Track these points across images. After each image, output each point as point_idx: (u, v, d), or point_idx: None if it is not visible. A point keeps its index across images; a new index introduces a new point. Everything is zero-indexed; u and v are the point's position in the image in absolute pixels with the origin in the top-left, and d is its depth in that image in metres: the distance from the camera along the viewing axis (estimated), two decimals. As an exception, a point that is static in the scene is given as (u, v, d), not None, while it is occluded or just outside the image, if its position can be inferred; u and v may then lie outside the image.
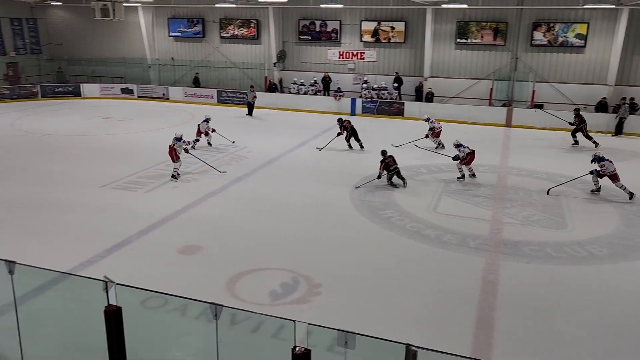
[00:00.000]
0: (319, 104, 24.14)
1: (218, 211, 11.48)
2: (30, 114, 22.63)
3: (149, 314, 6.64)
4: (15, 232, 10.10)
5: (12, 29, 28.55)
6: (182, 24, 27.67)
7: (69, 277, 5.14)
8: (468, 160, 13.81)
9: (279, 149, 16.68)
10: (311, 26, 25.34)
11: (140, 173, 13.91)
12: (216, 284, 8.17)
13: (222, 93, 25.95)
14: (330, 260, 9.23)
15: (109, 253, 9.19)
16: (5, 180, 13.23)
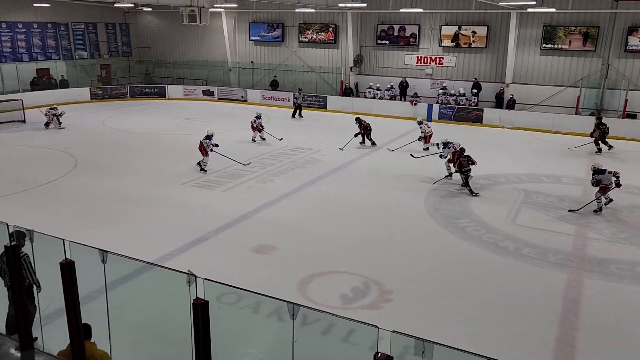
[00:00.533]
0: (395, 109, 23.91)
1: (292, 213, 11.64)
2: (119, 113, 24.07)
3: (224, 309, 6.83)
4: (105, 222, 10.77)
5: (107, 33, 30.57)
6: (263, 28, 28.41)
7: (153, 268, 5.39)
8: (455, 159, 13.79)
9: (353, 153, 16.68)
10: (389, 31, 25.18)
11: (218, 172, 14.38)
12: (288, 284, 8.27)
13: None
14: (403, 267, 9.10)
15: (187, 248, 9.57)
16: (98, 175, 14.14)
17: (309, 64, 27.55)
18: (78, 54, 28.94)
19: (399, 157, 16.25)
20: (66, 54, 28.25)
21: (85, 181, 13.56)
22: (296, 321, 5.07)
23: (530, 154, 17.19)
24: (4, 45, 25.31)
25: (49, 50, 27.43)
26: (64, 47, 28.15)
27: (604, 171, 11.94)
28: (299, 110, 23.88)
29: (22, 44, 26.09)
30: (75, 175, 14.10)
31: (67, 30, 28.18)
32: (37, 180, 13.47)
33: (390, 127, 21.30)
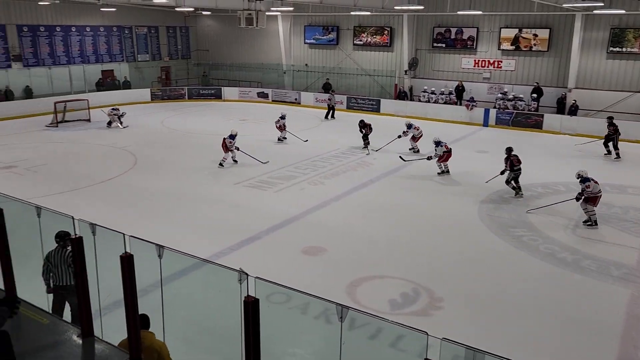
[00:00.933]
0: (450, 114, 23.46)
1: (342, 215, 11.63)
2: (177, 113, 24.83)
3: (273, 308, 6.90)
4: (162, 218, 11.14)
5: (168, 37, 31.64)
6: (318, 31, 28.59)
7: (206, 265, 5.51)
8: (445, 158, 14.65)
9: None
10: (446, 33, 24.75)
11: (270, 173, 14.57)
12: (337, 286, 8.26)
13: (351, 99, 26.35)
14: (454, 275, 8.90)
15: (239, 247, 9.73)
16: (156, 173, 14.64)
17: (362, 67, 27.49)
18: (140, 56, 30.10)
19: (453, 163, 15.92)
20: (129, 56, 29.45)
21: (144, 178, 14.07)
22: (344, 324, 5.05)
23: (595, 162, 16.43)
24: (73, 47, 26.67)
25: (114, 52, 28.67)
26: (128, 50, 29.35)
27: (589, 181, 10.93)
28: (332, 112, 24.00)
29: (89, 46, 27.40)
30: (135, 173, 14.65)
31: (130, 33, 29.38)
32: (100, 176, 14.10)
33: (446, 132, 20.91)
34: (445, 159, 14.72)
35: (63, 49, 26.19)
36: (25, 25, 24.54)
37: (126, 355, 3.70)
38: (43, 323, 4.09)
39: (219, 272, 4.47)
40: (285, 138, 18.64)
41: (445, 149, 14.58)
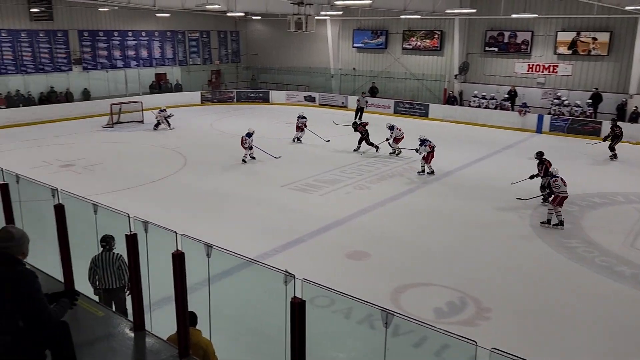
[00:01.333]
0: (501, 119, 22.87)
1: (388, 221, 11.53)
2: (226, 116, 25.32)
3: (317, 311, 6.90)
4: (210, 218, 11.37)
5: (219, 41, 32.35)
6: (366, 35, 28.53)
7: (252, 265, 5.57)
8: (429, 158, 14.57)
9: (453, 164, 16.18)
10: (499, 37, 24.17)
11: (316, 177, 14.62)
12: (381, 292, 8.18)
13: (399, 104, 26.13)
14: (503, 285, 8.66)
15: (284, 248, 9.81)
16: (204, 173, 14.97)
17: (411, 71, 27.22)
18: (192, 60, 30.89)
19: (506, 170, 15.54)
20: (181, 60, 30.28)
21: (193, 179, 14.41)
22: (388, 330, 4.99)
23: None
24: (129, 52, 27.66)
25: (167, 56, 29.55)
26: (180, 54, 30.19)
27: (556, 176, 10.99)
28: (360, 115, 23.96)
29: (144, 50, 28.35)
30: (185, 173, 15.03)
31: (183, 38, 30.22)
32: (152, 175, 14.55)
33: (496, 138, 20.43)
34: (429, 159, 14.72)
35: (120, 53, 27.21)
36: (86, 31, 25.65)
37: (175, 350, 3.79)
38: (98, 315, 4.25)
39: (265, 272, 4.51)
40: (301, 140, 19.11)
41: (429, 148, 14.57)
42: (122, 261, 6.38)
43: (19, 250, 3.27)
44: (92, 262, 6.47)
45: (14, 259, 3.20)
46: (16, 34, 23.08)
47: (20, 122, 21.91)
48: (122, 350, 3.88)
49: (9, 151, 17.19)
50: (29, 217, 6.17)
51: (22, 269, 3.20)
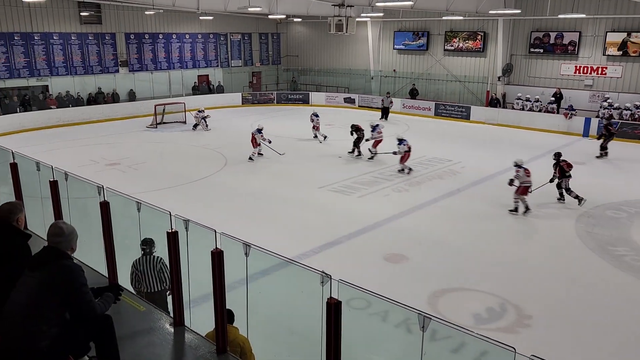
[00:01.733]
0: (546, 122, 22.24)
1: (427, 224, 11.39)
2: (266, 117, 25.57)
3: (353, 313, 6.88)
4: (248, 218, 11.51)
5: (260, 43, 32.74)
6: (408, 37, 28.29)
7: (289, 265, 5.61)
8: (406, 157, 14.82)
9: (494, 167, 15.84)
10: (544, 38, 23.52)
11: (355, 178, 14.59)
12: (418, 296, 8.09)
13: (439, 106, 25.80)
14: (546, 292, 8.41)
15: (321, 249, 9.83)
16: (244, 174, 15.18)
17: (453, 72, 26.83)
18: (233, 62, 31.37)
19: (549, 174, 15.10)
20: (223, 62, 30.80)
21: (233, 179, 14.63)
22: (425, 334, 4.93)
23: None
24: (173, 54, 28.34)
25: (209, 58, 30.11)
26: (222, 56, 30.71)
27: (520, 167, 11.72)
28: (386, 115, 24.55)
29: (187, 52, 28.99)
30: (225, 174, 15.27)
31: (225, 40, 30.73)
32: (193, 175, 14.85)
33: (541, 142, 19.89)
34: (406, 158, 14.96)
35: (164, 55, 27.91)
36: (132, 34, 26.44)
37: (213, 347, 3.86)
38: (140, 310, 4.36)
39: (302, 273, 4.54)
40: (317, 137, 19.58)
41: (407, 147, 14.84)
42: (163, 264, 6.37)
43: (68, 245, 3.39)
44: (133, 267, 6.49)
45: (63, 253, 3.32)
46: (67, 37, 24.01)
47: (69, 122, 22.79)
48: (162, 344, 3.98)
49: (59, 150, 17.89)
50: (76, 213, 6.41)
51: (70, 263, 3.32)
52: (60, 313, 3.28)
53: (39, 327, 3.16)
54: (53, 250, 3.31)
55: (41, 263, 3.26)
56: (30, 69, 23.03)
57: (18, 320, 3.17)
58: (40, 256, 3.33)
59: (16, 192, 6.82)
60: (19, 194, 6.78)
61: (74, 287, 3.23)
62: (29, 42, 22.85)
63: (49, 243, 3.35)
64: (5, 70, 22.28)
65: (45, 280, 3.20)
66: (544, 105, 22.88)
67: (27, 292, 3.21)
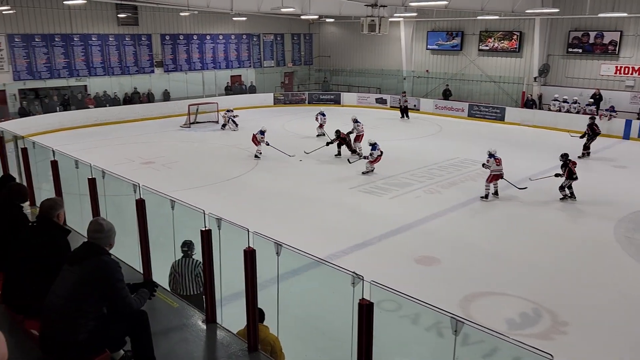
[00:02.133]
0: (584, 124, 21.47)
1: (459, 226, 11.24)
2: (298, 117, 25.68)
3: (384, 315, 6.83)
4: (279, 217, 11.57)
5: (292, 43, 32.90)
6: (441, 37, 27.96)
7: (320, 265, 5.61)
8: (377, 160, 14.95)
9: (529, 170, 15.49)
10: (584, 38, 22.88)
11: (386, 179, 14.50)
12: (450, 299, 7.98)
13: (473, 107, 25.41)
14: (582, 299, 8.19)
15: (351, 250, 9.80)
16: (275, 174, 15.28)
17: (487, 73, 26.38)
18: (266, 62, 31.62)
19: (588, 178, 14.69)
20: (256, 63, 31.07)
21: (264, 178, 14.74)
22: (457, 339, 4.85)
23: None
24: (207, 54, 28.75)
25: (242, 58, 30.42)
26: (255, 56, 30.99)
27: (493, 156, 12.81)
28: (406, 113, 25.20)
29: (221, 53, 29.36)
30: (256, 173, 15.39)
31: (258, 40, 31.00)
32: (225, 174, 15.03)
33: (579, 144, 19.35)
34: (376, 162, 15.03)
35: (198, 56, 28.34)
36: (168, 34, 26.93)
37: (245, 345, 3.89)
38: (173, 306, 4.43)
39: (333, 273, 4.53)
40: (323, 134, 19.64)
41: (379, 152, 14.94)
42: (201, 268, 6.31)
43: (107, 241, 3.48)
44: (172, 268, 6.55)
45: (101, 249, 3.41)
46: (105, 38, 24.64)
47: (106, 121, 23.36)
48: (195, 340, 4.03)
49: (96, 148, 18.36)
50: (111, 210, 6.56)
51: (108, 259, 3.41)
52: (98, 307, 3.36)
53: (77, 320, 3.25)
54: (92, 246, 3.40)
55: (80, 258, 3.35)
56: (69, 69, 23.72)
57: (58, 313, 3.27)
58: (80, 251, 3.42)
59: (56, 189, 7.03)
60: (59, 190, 6.99)
61: (110, 283, 3.31)
62: (69, 43, 23.54)
63: (89, 239, 3.44)
64: (46, 71, 23.01)
65: (83, 275, 3.28)
66: (583, 107, 22.25)
67: (67, 286, 3.30)
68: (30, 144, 8.07)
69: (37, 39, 22.58)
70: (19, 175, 8.35)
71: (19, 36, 22.07)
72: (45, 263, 3.71)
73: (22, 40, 22.16)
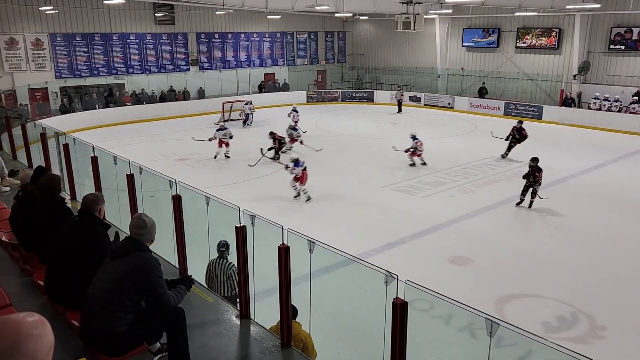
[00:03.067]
0: (626, 123, 20.92)
1: (493, 226, 11.05)
2: (330, 115, 25.68)
3: (416, 315, 6.78)
4: (311, 215, 11.61)
5: (326, 41, 32.90)
6: (477, 34, 27.48)
7: (352, 263, 5.61)
8: (303, 178, 12.65)
9: (568, 170, 15.11)
10: (626, 34, 22.12)
11: (419, 178, 14.37)
12: (484, 301, 7.85)
13: (509, 105, 24.89)
14: (622, 304, 7.94)
15: (384, 249, 9.75)
16: (313, 172, 15.22)
17: (524, 70, 25.80)
18: (299, 60, 31.72)
19: (629, 178, 14.25)
20: (289, 61, 31.21)
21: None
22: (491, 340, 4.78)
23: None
24: (241, 52, 29.04)
25: (276, 57, 30.61)
26: (288, 54, 31.13)
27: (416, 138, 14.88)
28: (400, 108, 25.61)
29: (255, 51, 29.61)
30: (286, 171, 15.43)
31: (292, 38, 31.12)
32: (258, 172, 15.16)
33: (620, 143, 18.76)
34: (304, 179, 12.84)
35: (233, 54, 28.65)
36: (203, 33, 27.33)
37: (277, 340, 3.92)
38: (208, 301, 4.50)
39: (365, 271, 4.52)
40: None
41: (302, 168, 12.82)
42: (233, 271, 6.38)
43: (149, 237, 3.56)
44: (208, 267, 6.61)
45: (142, 245, 3.49)
46: (142, 37, 25.17)
47: (143, 119, 23.88)
48: (229, 335, 4.08)
49: (133, 144, 18.78)
50: (148, 205, 6.70)
51: (148, 256, 3.48)
52: (137, 301, 3.44)
53: (116, 313, 3.34)
54: (134, 242, 3.47)
55: (122, 253, 3.44)
56: (108, 67, 24.35)
57: (98, 305, 3.36)
58: (122, 246, 3.51)
59: (96, 184, 7.23)
60: (99, 186, 7.18)
61: (149, 279, 3.38)
62: (108, 42, 24.16)
63: (131, 234, 3.52)
64: (86, 69, 23.67)
65: (124, 269, 3.37)
66: (625, 106, 21.53)
67: (107, 279, 3.39)
68: (71, 140, 8.32)
69: (78, 38, 23.26)
70: (60, 170, 8.63)
71: (61, 35, 22.77)
72: (86, 256, 3.81)
73: (63, 39, 22.87)
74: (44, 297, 4.25)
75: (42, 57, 22.36)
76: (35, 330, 1.44)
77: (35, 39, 22.02)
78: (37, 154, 9.34)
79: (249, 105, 22.73)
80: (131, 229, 3.54)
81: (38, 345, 1.43)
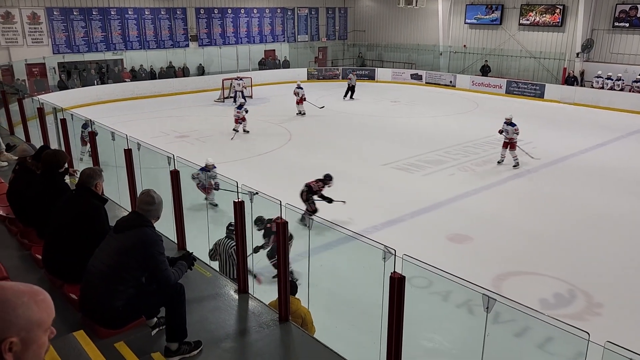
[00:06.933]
0: (629, 102, 20.78)
1: (493, 205, 11.05)
2: (331, 93, 25.48)
3: (414, 291, 6.82)
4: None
5: (327, 18, 32.49)
6: (480, 10, 27.11)
7: (351, 240, 5.62)
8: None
9: (569, 149, 15.07)
10: (631, 11, 21.82)
11: (419, 156, 14.32)
12: (482, 278, 7.85)
13: (511, 83, 24.70)
14: (618, 281, 7.99)
15: (383, 227, 9.77)
16: (307, 149, 15.28)
17: (527, 48, 25.52)
18: (300, 37, 31.37)
19: (630, 157, 14.21)
20: (290, 37, 30.86)
21: (297, 154, 14.75)
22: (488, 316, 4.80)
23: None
24: (241, 28, 28.69)
25: (276, 33, 30.26)
26: (289, 31, 30.77)
27: None
28: (351, 94, 23.70)
29: (255, 27, 29.26)
30: (289, 148, 15.41)
31: (293, 14, 30.72)
32: (258, 149, 15.12)
33: (621, 122, 18.67)
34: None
35: (232, 30, 28.32)
36: (202, 8, 26.97)
37: (275, 315, 3.94)
38: (206, 276, 4.52)
39: (364, 248, 4.53)
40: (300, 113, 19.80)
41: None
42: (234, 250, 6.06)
43: (156, 214, 3.54)
44: (215, 244, 6.65)
45: (147, 221, 3.47)
46: (141, 11, 24.85)
47: (142, 95, 23.71)
48: (227, 309, 4.11)
49: (132, 121, 18.68)
50: (146, 182, 6.68)
51: (151, 232, 3.46)
52: (138, 276, 3.44)
53: (116, 287, 3.34)
54: (140, 217, 3.46)
55: (126, 227, 3.42)
56: (106, 43, 24.09)
57: (99, 277, 3.37)
58: (126, 220, 3.49)
59: (94, 159, 7.21)
60: (97, 161, 7.16)
61: (151, 254, 3.38)
62: (106, 17, 23.85)
63: (138, 209, 3.49)
64: (84, 44, 23.42)
65: (126, 243, 3.36)
66: (628, 84, 21.35)
67: (110, 253, 3.39)
68: (69, 116, 8.27)
69: (75, 12, 22.96)
70: (59, 145, 8.59)
71: (58, 9, 22.47)
72: (83, 230, 3.81)
73: (60, 13, 22.57)
74: (42, 271, 4.27)
75: (38, 31, 22.09)
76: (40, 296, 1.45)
77: (31, 12, 21.73)
78: (35, 130, 9.30)
79: (239, 81, 22.43)
80: (139, 204, 3.51)
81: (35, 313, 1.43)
